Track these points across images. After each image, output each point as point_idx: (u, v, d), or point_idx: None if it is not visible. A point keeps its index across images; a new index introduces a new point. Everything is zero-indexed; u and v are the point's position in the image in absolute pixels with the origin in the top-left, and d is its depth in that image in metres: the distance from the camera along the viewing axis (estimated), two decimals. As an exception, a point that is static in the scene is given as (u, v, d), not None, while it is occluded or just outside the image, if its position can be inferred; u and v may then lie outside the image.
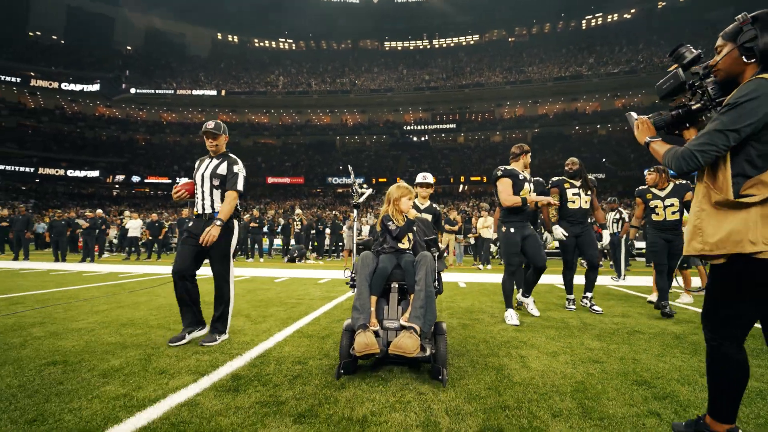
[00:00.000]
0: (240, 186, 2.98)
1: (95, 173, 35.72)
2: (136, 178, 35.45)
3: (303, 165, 37.88)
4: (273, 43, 49.30)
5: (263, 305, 4.41)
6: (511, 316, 3.57)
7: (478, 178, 32.87)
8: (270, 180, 35.14)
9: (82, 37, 44.13)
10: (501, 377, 2.16)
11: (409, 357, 2.03)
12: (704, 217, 1.40)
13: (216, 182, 2.95)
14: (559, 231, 4.10)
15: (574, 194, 4.28)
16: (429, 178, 3.70)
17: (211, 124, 3.02)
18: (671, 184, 4.21)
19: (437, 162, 37.01)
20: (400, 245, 2.58)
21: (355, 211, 2.98)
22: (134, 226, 12.41)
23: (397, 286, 2.42)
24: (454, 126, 38.54)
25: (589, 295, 4.31)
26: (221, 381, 2.05)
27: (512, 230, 3.68)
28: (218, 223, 2.83)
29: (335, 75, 41.49)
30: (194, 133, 42.12)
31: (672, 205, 4.14)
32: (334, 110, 40.65)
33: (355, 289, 2.39)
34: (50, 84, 36.96)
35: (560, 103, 37.04)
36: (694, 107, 1.51)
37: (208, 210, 2.96)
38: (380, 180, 34.80)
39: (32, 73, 37.33)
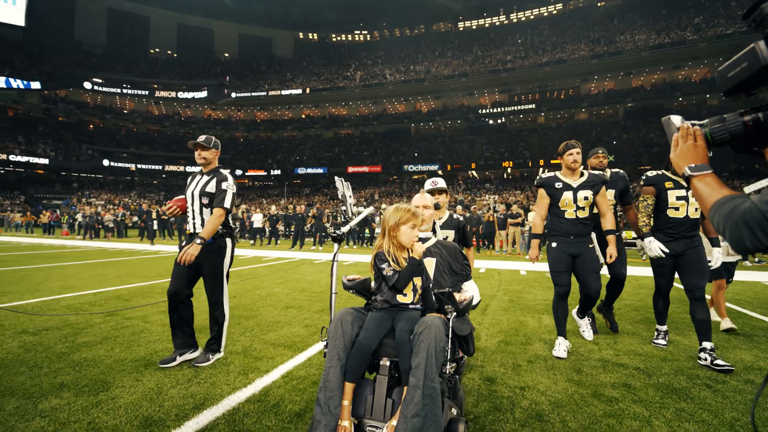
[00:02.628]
0: (227, 203, 2.86)
1: (206, 169, 41.71)
2: (238, 172, 40.61)
3: (380, 153, 39.71)
4: (349, 36, 51.31)
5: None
6: (559, 346, 3.04)
7: (559, 161, 31.40)
8: (350, 169, 37.63)
9: (191, 49, 50.71)
10: None
11: None
12: None
13: (205, 201, 2.90)
14: (655, 246, 3.08)
15: (679, 198, 3.10)
16: (441, 182, 3.01)
17: (201, 138, 3.00)
18: None
19: (514, 145, 36.05)
20: (399, 298, 1.82)
21: (336, 245, 2.11)
22: (258, 219, 15.35)
23: (389, 363, 1.66)
24: (533, 106, 36.94)
25: (708, 345, 2.91)
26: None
27: (554, 245, 3.12)
28: (198, 241, 2.70)
29: (409, 62, 42.12)
30: (283, 129, 46.44)
31: None
32: (408, 98, 41.52)
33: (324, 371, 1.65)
34: (169, 94, 43.59)
35: (659, 73, 33.22)
36: None
37: (198, 229, 2.89)
38: (455, 167, 35.20)
39: (155, 86, 44.33)
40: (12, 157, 33.99)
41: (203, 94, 43.00)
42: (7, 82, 35.51)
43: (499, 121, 39.76)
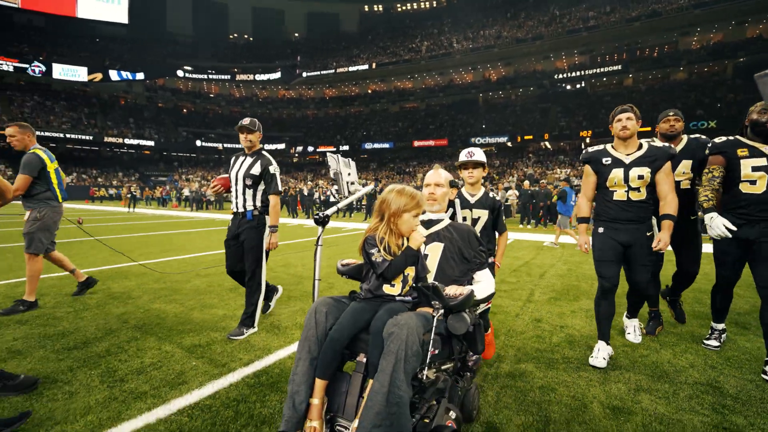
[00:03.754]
0: (279, 188, 3.11)
1: (282, 146, 44.74)
2: (310, 148, 42.96)
3: (446, 126, 39.12)
4: (414, 4, 49.98)
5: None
6: (598, 353, 2.54)
7: (649, 129, 28.35)
8: (416, 143, 37.75)
9: (265, 32, 53.46)
10: None
11: None
12: None
13: (249, 182, 3.01)
14: (719, 223, 2.44)
15: (757, 169, 2.49)
16: (477, 154, 2.57)
17: (246, 120, 3.10)
18: None
19: (595, 111, 33.11)
20: (386, 289, 1.68)
21: (320, 228, 2.00)
22: (334, 191, 16.83)
23: (365, 360, 1.53)
24: (619, 67, 33.31)
25: None
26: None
27: (600, 230, 2.65)
28: (273, 230, 3.03)
29: (478, 27, 40.13)
30: (350, 105, 47.61)
31: None
32: (476, 67, 39.85)
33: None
34: (247, 77, 46.84)
35: (785, 17, 27.76)
36: None
37: (241, 209, 3.05)
38: (525, 138, 33.53)
39: (236, 69, 47.87)
40: (126, 140, 39.73)
41: (277, 75, 45.53)
42: (119, 75, 41.02)
43: (577, 86, 36.60)
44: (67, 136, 36.02)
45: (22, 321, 3.13)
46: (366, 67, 40.72)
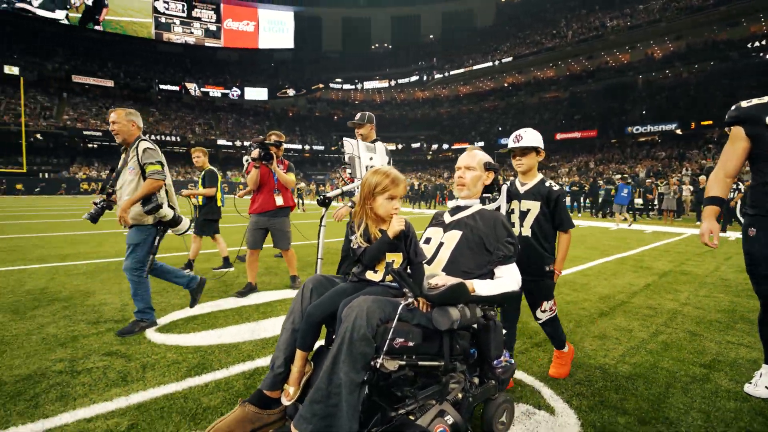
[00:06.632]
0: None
1: (417, 144, 47.54)
2: (445, 146, 44.61)
3: (595, 116, 35.89)
4: (558, -14, 46.68)
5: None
6: (759, 379, 2.08)
7: None
8: (558, 136, 35.69)
9: (402, 39, 57.09)
10: None
11: None
12: None
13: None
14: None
15: None
16: (526, 137, 2.19)
17: (357, 116, 3.58)
18: None
19: (811, 85, 26.09)
20: (369, 275, 1.69)
21: (324, 209, 2.02)
22: None
23: None
24: None
25: None
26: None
27: (753, 230, 1.97)
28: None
29: (636, 1, 35.46)
30: (485, 100, 47.47)
31: None
32: (635, 45, 35.28)
33: None
34: (388, 83, 50.95)
35: None
36: None
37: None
38: (702, 123, 28.56)
39: (377, 77, 52.56)
40: (293, 146, 47.90)
41: (414, 78, 48.38)
42: (293, 91, 49.77)
43: (782, 53, 29.26)
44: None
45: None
46: (507, 59, 39.93)
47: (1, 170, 30.28)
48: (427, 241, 1.90)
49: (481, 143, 41.79)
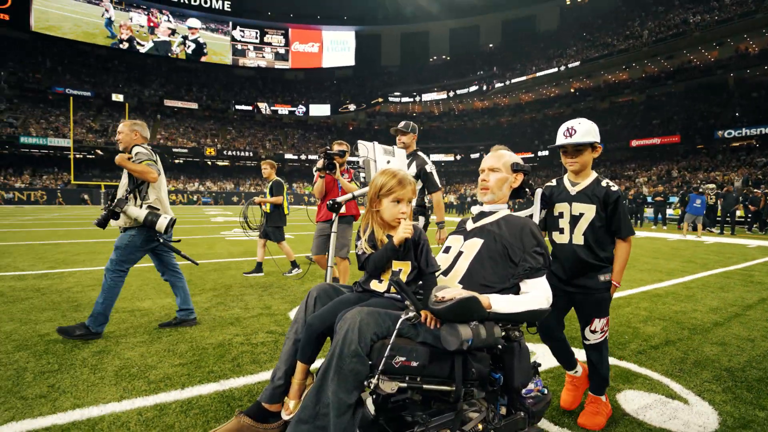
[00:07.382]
0: (439, 184, 3.31)
1: (476, 155, 46.70)
2: (505, 156, 43.39)
3: (676, 120, 32.84)
4: (630, -16, 43.85)
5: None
6: None
7: None
8: (634, 143, 33.13)
9: (460, 50, 56.99)
10: None
11: None
12: None
13: None
14: None
15: None
16: (580, 131, 1.87)
17: (401, 124, 3.44)
18: None
19: None
20: (373, 285, 1.57)
21: (334, 215, 2.06)
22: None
23: None
24: None
25: None
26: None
27: None
28: (441, 226, 3.18)
29: (727, -8, 32.12)
30: (549, 108, 45.60)
31: None
32: (725, 40, 31.88)
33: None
34: (446, 94, 50.90)
35: None
36: None
37: None
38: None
39: (435, 89, 52.79)
40: (352, 158, 49.14)
41: (473, 88, 47.93)
42: (353, 106, 51.90)
43: None
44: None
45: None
46: (574, 63, 38.07)
47: (107, 183, 34.93)
48: (447, 250, 1.69)
49: (545, 152, 40.11)
